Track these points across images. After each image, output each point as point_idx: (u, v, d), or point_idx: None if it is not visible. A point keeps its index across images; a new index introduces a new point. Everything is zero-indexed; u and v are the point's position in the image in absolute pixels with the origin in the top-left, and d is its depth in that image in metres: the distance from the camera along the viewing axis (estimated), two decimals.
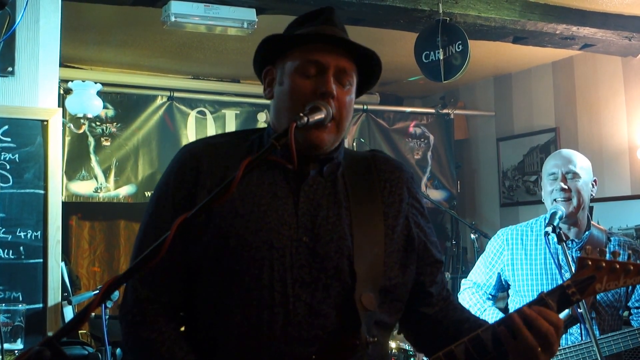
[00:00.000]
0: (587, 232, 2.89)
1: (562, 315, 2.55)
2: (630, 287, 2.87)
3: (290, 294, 1.44)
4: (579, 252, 2.86)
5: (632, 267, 1.44)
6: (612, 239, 2.92)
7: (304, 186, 1.52)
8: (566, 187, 2.82)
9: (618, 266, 1.44)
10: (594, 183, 2.91)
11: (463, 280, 3.19)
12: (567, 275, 2.76)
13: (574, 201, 2.81)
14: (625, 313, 2.98)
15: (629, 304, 2.90)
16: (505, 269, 2.99)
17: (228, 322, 1.46)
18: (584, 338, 2.77)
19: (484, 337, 1.44)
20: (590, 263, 1.44)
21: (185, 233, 1.17)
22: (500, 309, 3.17)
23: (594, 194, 2.91)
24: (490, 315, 2.96)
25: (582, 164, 2.88)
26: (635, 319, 2.89)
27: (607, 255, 1.46)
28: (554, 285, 2.78)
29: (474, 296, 3.07)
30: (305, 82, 1.49)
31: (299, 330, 1.43)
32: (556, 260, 2.81)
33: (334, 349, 1.44)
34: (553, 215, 2.76)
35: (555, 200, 2.83)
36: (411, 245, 1.58)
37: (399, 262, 1.55)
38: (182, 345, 1.47)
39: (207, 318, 1.49)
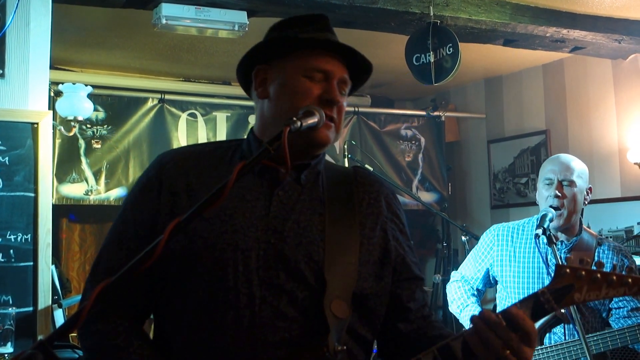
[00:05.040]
0: (578, 236, 2.90)
1: (547, 316, 2.57)
2: None
3: (257, 296, 1.41)
4: (568, 253, 2.88)
5: (615, 278, 1.35)
6: (602, 243, 2.93)
7: (277, 190, 1.51)
8: (560, 194, 2.83)
9: (600, 276, 1.35)
10: (588, 191, 2.91)
11: (453, 272, 3.23)
12: None
13: (565, 212, 2.82)
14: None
15: (610, 304, 2.91)
16: (494, 265, 3.01)
17: (194, 324, 1.44)
18: (566, 337, 2.80)
19: (453, 345, 1.38)
20: (568, 271, 1.36)
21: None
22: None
23: (587, 202, 2.92)
24: (472, 311, 2.97)
25: (579, 171, 2.88)
26: (614, 319, 2.90)
27: (592, 265, 1.37)
28: (541, 285, 2.82)
29: (459, 290, 3.11)
30: (311, 84, 1.51)
31: (264, 333, 1.40)
32: (545, 261, 2.83)
33: (301, 355, 1.41)
34: (543, 217, 2.78)
35: (550, 206, 2.84)
36: (387, 257, 1.55)
37: (373, 273, 1.52)
38: (139, 336, 1.46)
39: (173, 321, 1.47)
